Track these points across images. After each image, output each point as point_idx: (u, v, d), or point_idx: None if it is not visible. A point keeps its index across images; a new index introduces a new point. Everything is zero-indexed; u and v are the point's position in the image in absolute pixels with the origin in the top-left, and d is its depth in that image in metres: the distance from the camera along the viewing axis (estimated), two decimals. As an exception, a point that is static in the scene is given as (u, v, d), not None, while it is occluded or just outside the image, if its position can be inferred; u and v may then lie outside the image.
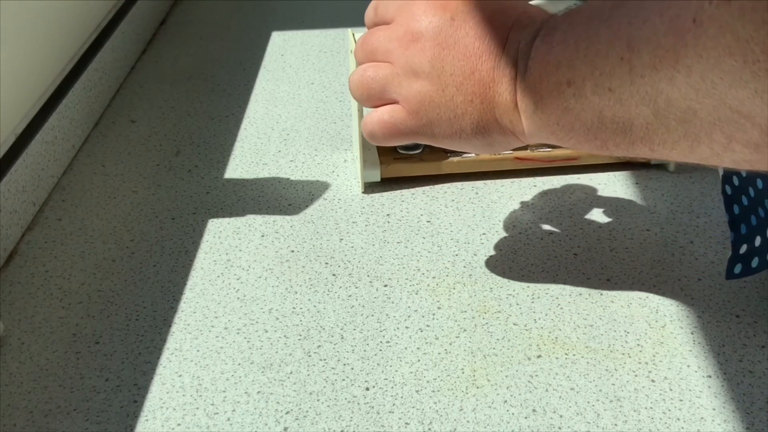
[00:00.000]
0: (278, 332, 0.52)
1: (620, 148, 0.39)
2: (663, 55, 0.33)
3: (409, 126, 0.47)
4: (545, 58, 0.40)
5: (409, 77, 0.46)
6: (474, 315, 0.53)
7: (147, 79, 0.87)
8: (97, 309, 0.55)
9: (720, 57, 0.30)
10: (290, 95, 0.82)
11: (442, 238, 0.61)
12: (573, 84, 0.39)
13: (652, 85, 0.34)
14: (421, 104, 0.46)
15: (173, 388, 0.48)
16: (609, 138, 0.39)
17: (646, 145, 0.37)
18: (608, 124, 0.38)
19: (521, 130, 0.44)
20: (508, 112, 0.43)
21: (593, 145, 0.40)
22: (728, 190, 0.53)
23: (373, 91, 0.48)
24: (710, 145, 0.34)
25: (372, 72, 0.48)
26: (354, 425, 0.46)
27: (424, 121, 0.46)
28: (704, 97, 0.32)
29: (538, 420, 0.46)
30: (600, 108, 0.38)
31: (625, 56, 0.35)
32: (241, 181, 0.68)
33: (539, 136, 0.43)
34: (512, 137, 0.45)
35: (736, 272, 0.52)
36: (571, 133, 0.41)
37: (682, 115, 0.34)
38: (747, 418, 0.45)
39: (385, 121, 0.48)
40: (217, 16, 1.03)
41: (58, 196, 0.67)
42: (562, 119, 0.40)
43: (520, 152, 0.67)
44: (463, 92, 0.44)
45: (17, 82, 0.66)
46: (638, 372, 0.49)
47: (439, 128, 0.46)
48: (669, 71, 0.33)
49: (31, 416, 0.47)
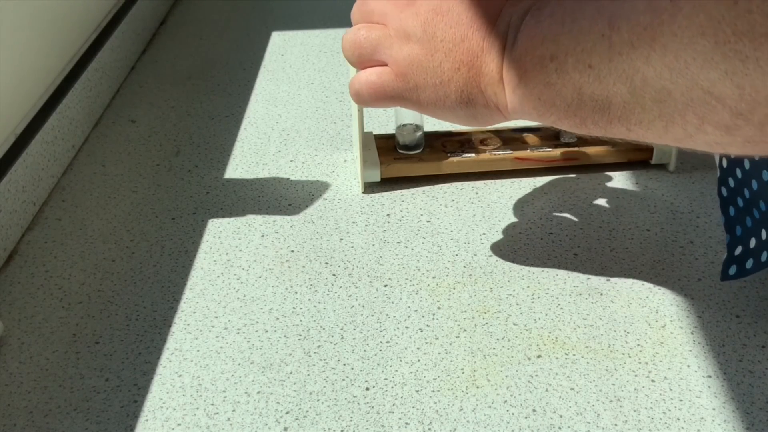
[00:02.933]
0: (278, 332, 0.52)
1: (598, 127, 0.39)
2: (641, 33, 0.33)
3: (395, 88, 0.47)
4: (532, 31, 0.41)
5: (400, 40, 0.46)
6: (474, 315, 0.53)
7: (147, 79, 0.87)
8: (97, 309, 0.55)
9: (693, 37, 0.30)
10: (290, 95, 0.82)
11: (442, 238, 0.61)
12: (555, 59, 0.39)
13: (629, 63, 0.34)
14: (410, 67, 0.46)
15: (173, 388, 0.48)
16: (588, 116, 0.39)
17: (623, 124, 0.37)
18: (587, 102, 0.38)
19: (504, 103, 0.44)
20: (493, 84, 0.44)
21: (572, 122, 0.40)
22: (724, 192, 0.53)
23: (364, 51, 0.48)
24: (684, 126, 0.34)
25: (365, 32, 0.48)
26: (354, 425, 0.46)
27: (411, 85, 0.46)
28: (678, 77, 0.32)
29: (538, 420, 0.46)
30: (580, 84, 0.38)
31: (606, 33, 0.35)
32: (241, 181, 0.68)
33: (521, 111, 0.43)
34: (495, 111, 0.45)
35: (731, 274, 0.52)
36: (551, 109, 0.41)
37: (657, 95, 0.34)
38: (747, 418, 0.45)
39: (372, 82, 0.48)
40: (217, 16, 1.03)
41: (58, 196, 0.67)
42: (543, 94, 0.41)
43: (520, 152, 0.67)
44: (451, 59, 0.45)
45: (17, 82, 0.66)
46: (638, 372, 0.49)
47: (425, 93, 0.46)
48: (645, 50, 0.33)
49: (31, 416, 0.47)
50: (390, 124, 0.75)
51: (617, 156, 0.67)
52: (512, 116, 0.45)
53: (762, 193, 0.50)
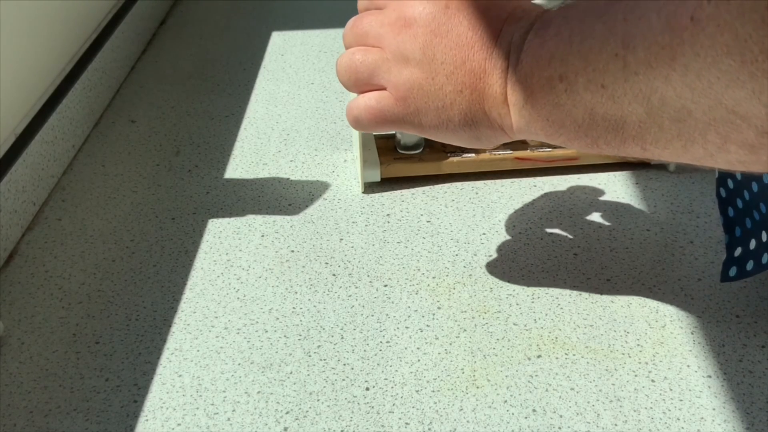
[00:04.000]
0: (278, 332, 0.52)
1: (611, 147, 0.38)
2: (659, 53, 0.32)
3: (395, 113, 0.46)
4: (538, 51, 0.40)
5: (399, 63, 0.45)
6: (474, 315, 0.53)
7: (147, 79, 0.87)
8: (97, 309, 0.55)
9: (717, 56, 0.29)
10: (290, 95, 0.82)
11: (442, 238, 0.61)
12: (565, 79, 0.38)
13: (646, 83, 0.34)
14: (410, 91, 0.45)
15: (173, 388, 0.48)
16: (600, 136, 0.38)
17: (638, 144, 0.37)
18: (599, 122, 0.37)
19: (509, 124, 0.43)
20: (497, 105, 0.43)
21: (583, 143, 0.39)
22: (723, 192, 0.53)
23: (361, 76, 0.47)
24: (704, 145, 0.33)
25: (361, 56, 0.47)
26: (354, 425, 0.46)
27: (412, 109, 0.45)
28: (700, 96, 0.31)
29: (538, 420, 0.46)
30: (592, 105, 0.37)
31: (620, 52, 0.34)
32: (241, 181, 0.68)
33: (528, 131, 0.43)
34: (500, 131, 0.44)
35: (731, 275, 0.51)
36: (561, 129, 0.40)
37: (677, 115, 0.33)
38: (747, 418, 0.45)
39: (371, 107, 0.47)
40: (217, 16, 1.03)
41: (58, 196, 0.67)
42: (552, 115, 0.40)
43: (520, 152, 0.67)
44: (453, 82, 0.44)
45: (17, 82, 0.66)
46: (638, 372, 0.49)
47: (427, 117, 0.45)
48: (664, 69, 0.32)
49: (31, 416, 0.47)
50: (390, 124, 0.75)
51: (617, 156, 0.67)
52: (517, 136, 0.44)
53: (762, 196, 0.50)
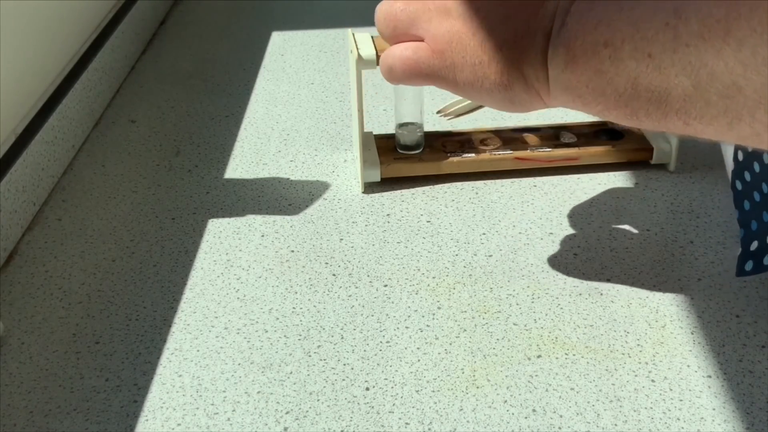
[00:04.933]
0: (278, 332, 0.52)
1: (651, 119, 0.37)
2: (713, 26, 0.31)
3: (431, 66, 0.45)
4: (585, 15, 0.38)
5: (440, 14, 0.44)
6: (474, 315, 0.53)
7: (147, 79, 0.87)
8: (97, 309, 0.55)
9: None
10: (290, 95, 0.82)
11: (442, 238, 0.61)
12: (610, 45, 0.37)
13: (696, 56, 0.33)
14: (449, 44, 0.44)
15: (173, 388, 0.48)
16: (641, 107, 0.37)
17: (680, 118, 0.36)
18: (642, 92, 0.36)
19: (546, 89, 0.42)
20: (536, 68, 0.42)
21: (622, 113, 0.38)
22: (738, 185, 0.52)
23: (400, 24, 0.46)
24: (752, 124, 0.33)
25: (402, 4, 0.45)
26: (354, 425, 0.46)
27: (448, 63, 0.44)
28: (753, 73, 0.31)
29: (538, 420, 0.46)
30: (636, 74, 0.36)
31: (671, 22, 0.33)
32: (241, 181, 0.68)
33: (563, 98, 0.41)
34: (535, 96, 0.43)
35: (747, 269, 0.50)
36: (600, 98, 0.39)
37: (726, 91, 0.32)
38: (747, 418, 0.45)
39: (407, 58, 0.45)
40: (217, 16, 1.03)
41: (58, 196, 0.67)
42: (592, 82, 0.38)
43: (520, 152, 0.67)
44: (494, 38, 0.42)
45: (17, 82, 0.66)
46: (638, 372, 0.49)
47: (462, 73, 0.44)
48: (717, 43, 0.31)
49: (31, 416, 0.47)
50: (390, 124, 0.75)
51: (617, 156, 0.67)
52: (552, 103, 0.43)
53: None
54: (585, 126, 0.70)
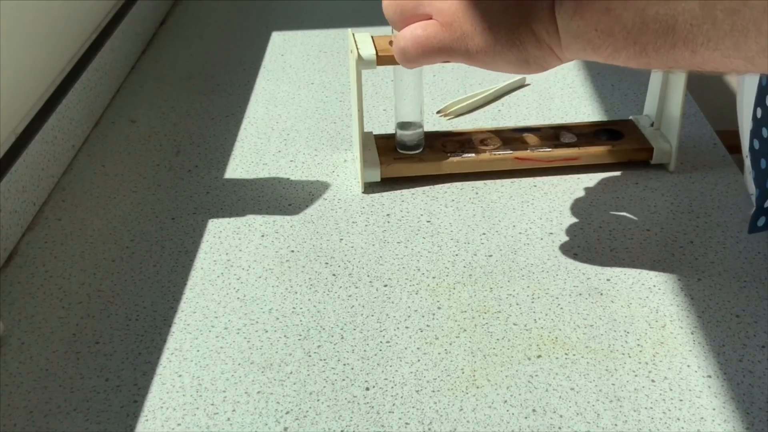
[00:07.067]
0: (278, 332, 0.52)
1: (659, 53, 0.38)
2: None
3: (442, 39, 0.46)
4: None
5: None
6: (474, 315, 0.53)
7: (147, 79, 0.87)
8: (97, 309, 0.55)
9: None
10: (290, 95, 0.82)
11: (442, 238, 0.61)
12: None
13: None
14: (456, 15, 0.45)
15: (173, 388, 0.48)
16: (649, 41, 0.38)
17: (687, 46, 0.36)
18: (650, 24, 0.37)
19: (557, 42, 0.43)
20: (545, 22, 0.43)
21: (631, 52, 0.39)
22: (756, 144, 0.52)
23: (406, 6, 0.47)
24: (758, 38, 0.33)
25: None
26: (354, 425, 0.46)
27: (458, 34, 0.45)
28: None
29: (538, 420, 0.46)
30: (643, 5, 0.37)
31: None
32: (241, 181, 0.68)
33: (575, 47, 0.42)
34: (548, 52, 0.44)
35: (759, 225, 0.51)
36: (609, 39, 0.40)
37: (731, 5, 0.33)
38: (747, 418, 0.45)
39: (417, 36, 0.46)
40: (217, 16, 1.03)
41: (58, 196, 0.67)
42: (601, 23, 0.39)
43: (520, 152, 0.67)
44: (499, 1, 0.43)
45: (17, 82, 0.66)
46: (638, 372, 0.49)
47: (473, 41, 0.45)
48: None
49: (31, 416, 0.47)
50: (390, 124, 0.75)
51: (617, 156, 0.67)
52: (566, 55, 0.44)
53: None
54: (585, 126, 0.70)
